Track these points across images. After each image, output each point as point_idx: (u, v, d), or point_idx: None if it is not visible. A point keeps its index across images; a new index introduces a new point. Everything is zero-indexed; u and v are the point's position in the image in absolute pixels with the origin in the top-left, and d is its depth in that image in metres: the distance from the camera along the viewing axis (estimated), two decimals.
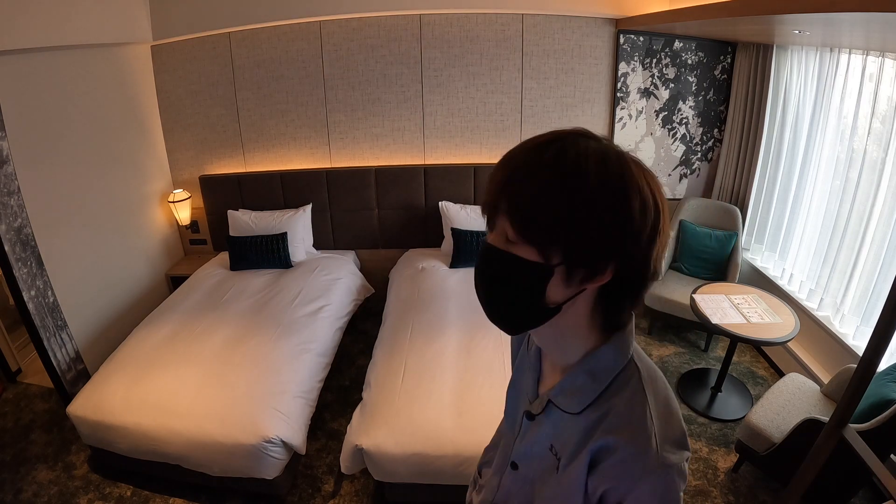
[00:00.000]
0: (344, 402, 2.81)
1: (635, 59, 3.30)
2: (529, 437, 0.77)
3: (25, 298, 2.44)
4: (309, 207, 3.55)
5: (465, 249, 3.25)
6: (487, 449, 1.02)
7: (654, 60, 3.30)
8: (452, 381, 2.19)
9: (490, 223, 0.61)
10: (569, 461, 0.68)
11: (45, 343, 2.55)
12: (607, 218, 0.55)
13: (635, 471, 0.61)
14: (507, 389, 0.90)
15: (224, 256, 3.51)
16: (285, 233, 3.35)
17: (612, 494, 0.64)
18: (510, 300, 0.62)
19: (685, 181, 3.62)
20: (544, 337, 0.70)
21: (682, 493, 0.63)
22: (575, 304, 0.62)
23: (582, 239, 0.55)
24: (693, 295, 2.69)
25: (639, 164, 0.58)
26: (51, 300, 2.60)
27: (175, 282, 3.52)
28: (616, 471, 0.62)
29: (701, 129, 3.48)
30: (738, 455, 2.32)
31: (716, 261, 3.22)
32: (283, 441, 2.04)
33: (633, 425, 0.62)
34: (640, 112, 3.43)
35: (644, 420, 0.62)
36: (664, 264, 3.28)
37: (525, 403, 0.79)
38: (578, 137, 0.57)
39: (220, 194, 3.60)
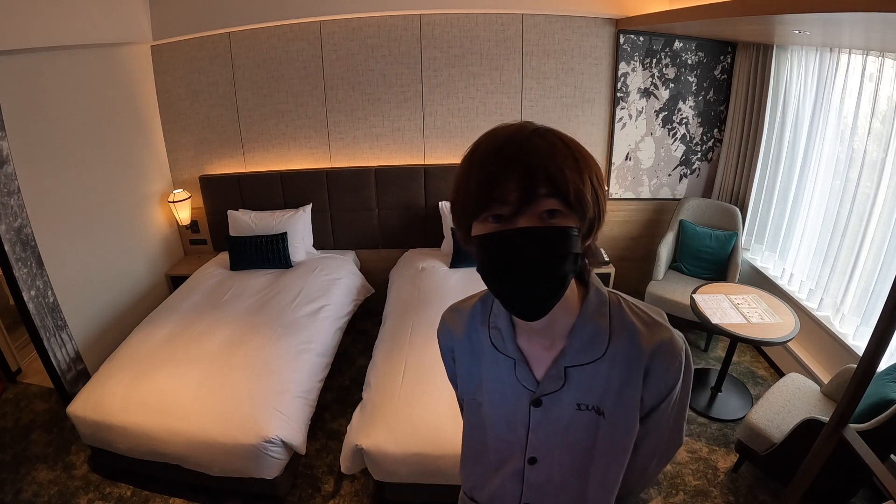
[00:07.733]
0: (344, 402, 2.81)
1: (635, 59, 3.30)
2: (547, 421, 0.80)
3: (25, 298, 2.44)
4: (309, 207, 3.55)
5: (466, 249, 3.24)
6: (467, 467, 0.97)
7: (654, 60, 3.30)
8: None
9: (521, 209, 0.63)
10: (618, 395, 0.76)
11: (45, 343, 2.55)
12: (600, 180, 0.68)
13: (677, 354, 0.75)
14: (472, 413, 0.89)
15: (224, 256, 3.52)
16: (285, 233, 3.36)
17: (664, 389, 0.76)
18: (562, 271, 0.65)
19: (685, 181, 3.61)
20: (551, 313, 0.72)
21: None
22: None
23: (596, 199, 0.66)
24: (693, 295, 2.69)
25: None
26: (51, 300, 2.60)
27: (175, 282, 3.52)
28: (666, 363, 0.75)
29: (701, 129, 3.47)
30: (738, 455, 2.32)
31: (716, 261, 3.22)
32: (283, 441, 2.04)
33: (653, 327, 0.76)
34: (640, 112, 3.43)
35: (655, 318, 0.77)
36: (664, 264, 3.28)
37: (525, 397, 0.80)
38: (538, 126, 0.67)
39: (220, 194, 3.60)
